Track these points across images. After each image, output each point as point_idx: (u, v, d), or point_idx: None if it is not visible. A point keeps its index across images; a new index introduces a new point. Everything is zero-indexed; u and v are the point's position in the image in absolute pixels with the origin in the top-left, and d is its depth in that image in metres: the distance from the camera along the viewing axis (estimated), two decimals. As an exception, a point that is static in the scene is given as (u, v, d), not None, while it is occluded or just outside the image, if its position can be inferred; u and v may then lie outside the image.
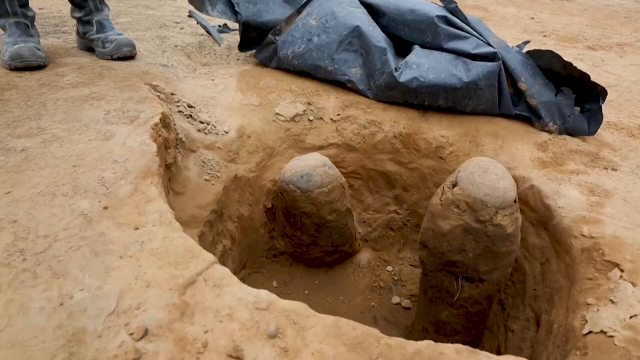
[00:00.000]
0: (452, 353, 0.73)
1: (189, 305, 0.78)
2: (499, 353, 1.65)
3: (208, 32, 2.40)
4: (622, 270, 1.22)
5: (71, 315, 0.73)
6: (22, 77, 1.59)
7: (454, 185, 1.39)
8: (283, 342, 0.75)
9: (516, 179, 1.72)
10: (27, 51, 1.61)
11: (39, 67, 1.66)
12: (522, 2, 4.50)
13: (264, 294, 0.83)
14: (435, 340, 1.67)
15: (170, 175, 1.35)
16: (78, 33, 1.93)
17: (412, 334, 1.77)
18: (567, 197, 1.53)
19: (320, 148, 1.89)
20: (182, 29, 2.62)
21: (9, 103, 1.41)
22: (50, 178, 1.05)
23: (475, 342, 1.68)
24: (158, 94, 1.58)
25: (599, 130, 1.88)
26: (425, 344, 0.75)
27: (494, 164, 1.39)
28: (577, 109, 1.81)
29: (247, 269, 1.81)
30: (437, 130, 1.84)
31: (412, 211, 1.97)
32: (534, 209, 1.63)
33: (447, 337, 1.62)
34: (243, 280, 1.76)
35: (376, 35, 1.90)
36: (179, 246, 0.90)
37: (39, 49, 1.67)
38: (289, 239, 1.82)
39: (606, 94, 1.74)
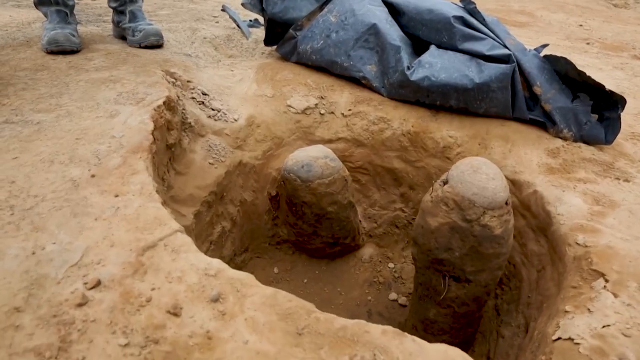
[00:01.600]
0: (377, 333, 0.76)
1: (143, 265, 0.85)
2: (488, 358, 1.63)
3: (238, 25, 2.51)
4: (607, 281, 1.19)
5: (39, 263, 0.83)
6: (55, 60, 1.74)
7: (445, 183, 1.39)
8: (223, 306, 0.81)
9: (521, 184, 1.69)
10: (62, 37, 1.77)
11: (73, 52, 1.82)
12: (573, 9, 4.31)
13: (215, 263, 0.89)
14: (424, 339, 1.67)
15: (171, 155, 1.44)
16: (113, 22, 2.09)
17: (403, 331, 1.77)
18: (568, 205, 1.49)
19: (329, 142, 1.93)
20: (217, 22, 2.75)
21: (39, 82, 1.56)
22: (54, 148, 1.16)
23: (464, 345, 1.66)
24: (174, 80, 1.69)
25: (620, 141, 1.81)
26: (354, 322, 0.78)
27: (487, 164, 1.38)
28: (595, 116, 1.75)
29: (249, 253, 1.88)
30: (446, 131, 1.83)
31: (417, 210, 1.97)
32: (535, 215, 1.60)
33: (434, 336, 1.62)
34: (244, 263, 1.84)
35: (392, 34, 1.91)
36: (150, 214, 0.98)
37: (74, 36, 1.83)
38: (291, 228, 1.87)
39: (625, 102, 1.66)
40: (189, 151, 1.58)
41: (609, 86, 2.31)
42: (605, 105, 1.74)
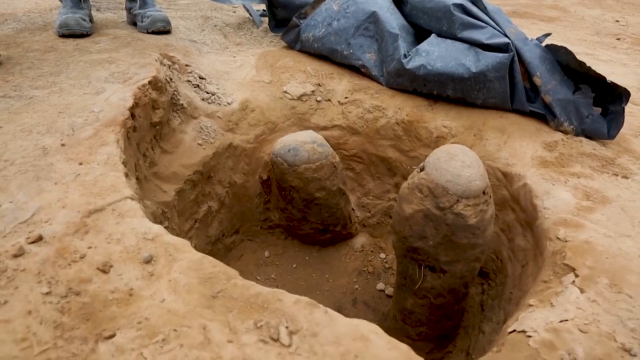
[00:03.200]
0: (290, 302, 0.77)
1: (86, 226, 0.90)
2: (468, 354, 1.59)
3: (250, 14, 2.55)
4: (576, 276, 1.14)
5: (-9, 219, 0.89)
6: (64, 43, 1.84)
7: (422, 169, 1.37)
8: (152, 268, 0.84)
9: (512, 177, 1.63)
10: (72, 21, 1.87)
11: (82, 36, 1.92)
12: (611, 4, 4.07)
13: (155, 228, 0.92)
14: (402, 329, 1.66)
15: (155, 133, 1.49)
16: (126, 8, 2.19)
17: (385, 320, 1.76)
18: (555, 198, 1.43)
19: (324, 128, 1.94)
20: (234, 12, 2.81)
21: (44, 62, 1.66)
22: (37, 120, 1.24)
23: (444, 339, 1.63)
24: (170, 63, 1.74)
25: (628, 137, 1.71)
26: (269, 290, 0.79)
27: (464, 151, 1.35)
28: (598, 109, 1.66)
29: (239, 235, 1.92)
30: (441, 120, 1.80)
31: (411, 201, 1.94)
32: (523, 209, 1.54)
33: (412, 327, 1.59)
34: (234, 244, 1.88)
35: (391, 22, 1.89)
36: (107, 182, 1.03)
37: (84, 20, 1.92)
38: (282, 212, 1.90)
39: (629, 95, 1.57)
40: (178, 131, 1.64)
41: (629, 82, 2.19)
42: (610, 99, 1.65)
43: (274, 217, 1.96)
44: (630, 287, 1.08)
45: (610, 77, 1.87)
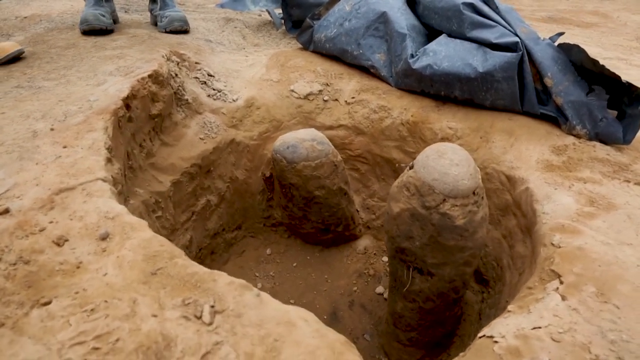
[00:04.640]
0: (223, 282, 0.77)
1: (53, 202, 0.94)
2: (460, 363, 1.52)
3: (271, 16, 2.60)
4: (561, 282, 1.07)
5: (-33, 191, 0.95)
6: (86, 40, 1.95)
7: (411, 167, 1.34)
8: (106, 244, 0.86)
9: (515, 181, 1.55)
10: (92, 16, 1.97)
11: (102, 31, 2.01)
12: (661, 8, 3.83)
13: (118, 208, 0.95)
14: (393, 334, 1.61)
15: (154, 125, 1.54)
16: (149, 10, 2.28)
17: (380, 324, 1.71)
18: (555, 203, 1.35)
19: (330, 128, 1.93)
20: (259, 15, 2.87)
21: (63, 57, 1.76)
22: (37, 107, 1.31)
23: (435, 345, 1.57)
24: (179, 60, 1.80)
25: (650, 142, 1.59)
26: (206, 270, 0.79)
27: (454, 149, 1.30)
28: (614, 112, 1.56)
29: (241, 231, 1.93)
30: (446, 122, 1.74)
31: (416, 205, 1.89)
32: (524, 214, 1.46)
33: (403, 331, 1.54)
34: (235, 240, 1.90)
35: (400, 22, 1.87)
36: (85, 164, 1.07)
37: (103, 16, 2.02)
38: (283, 210, 1.90)
39: (646, 96, 1.47)
40: (181, 125, 1.68)
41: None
42: (628, 101, 1.54)
43: (276, 214, 1.97)
44: (620, 297, 1.01)
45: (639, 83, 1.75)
